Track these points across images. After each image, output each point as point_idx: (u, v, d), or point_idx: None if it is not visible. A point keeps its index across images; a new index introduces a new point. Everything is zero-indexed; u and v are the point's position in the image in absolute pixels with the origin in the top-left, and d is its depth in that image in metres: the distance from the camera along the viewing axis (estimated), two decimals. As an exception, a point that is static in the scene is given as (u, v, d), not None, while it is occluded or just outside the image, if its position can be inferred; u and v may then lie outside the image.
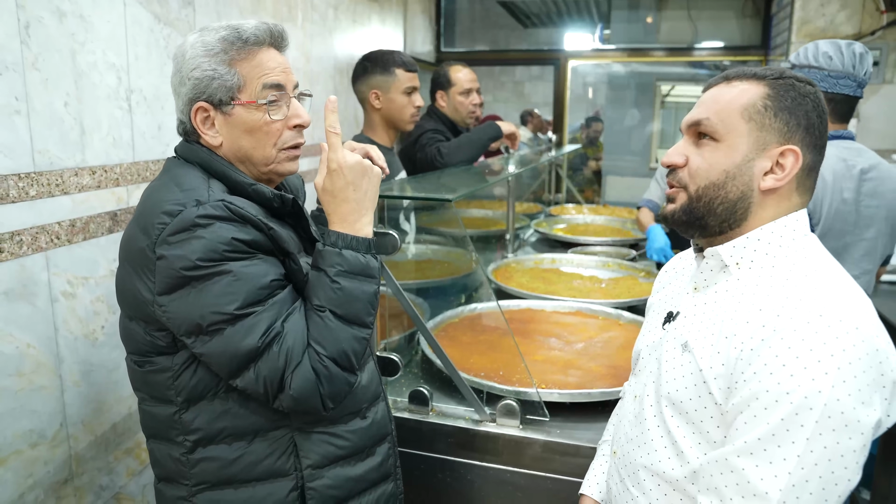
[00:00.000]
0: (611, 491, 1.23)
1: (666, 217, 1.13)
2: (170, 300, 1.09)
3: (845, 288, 0.98)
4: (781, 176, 1.02)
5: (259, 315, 1.09)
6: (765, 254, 1.04)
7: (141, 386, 1.23)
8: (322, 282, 1.16)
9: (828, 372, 0.87)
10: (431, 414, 1.71)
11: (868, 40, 4.11)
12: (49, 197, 1.52)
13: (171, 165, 1.24)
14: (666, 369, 1.08)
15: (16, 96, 1.42)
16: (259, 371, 1.10)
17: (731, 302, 1.03)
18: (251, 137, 1.21)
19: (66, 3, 1.55)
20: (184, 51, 1.20)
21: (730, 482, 0.93)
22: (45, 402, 1.54)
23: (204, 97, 1.19)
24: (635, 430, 1.14)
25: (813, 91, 1.05)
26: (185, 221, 1.07)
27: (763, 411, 0.90)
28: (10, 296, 1.43)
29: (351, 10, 3.55)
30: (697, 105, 1.10)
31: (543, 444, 1.60)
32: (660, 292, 1.30)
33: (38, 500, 1.52)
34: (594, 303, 2.39)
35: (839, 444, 0.87)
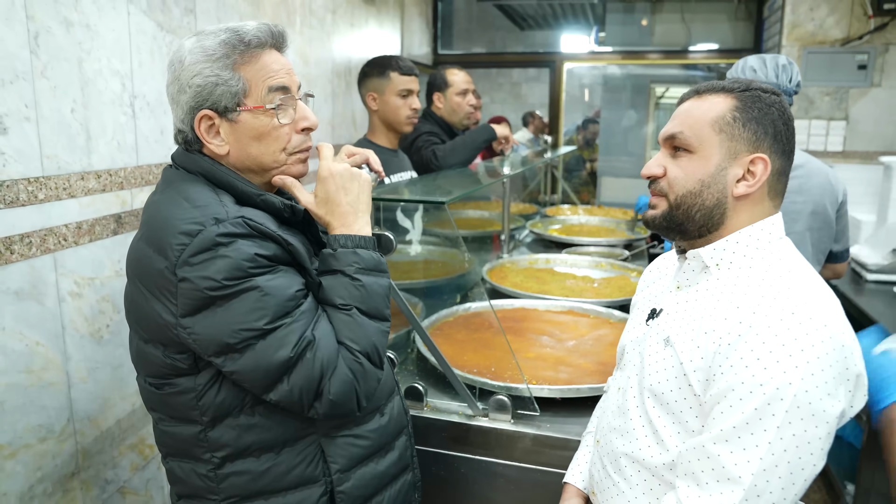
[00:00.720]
0: (593, 478, 1.29)
1: (647, 222, 1.19)
2: (195, 322, 1.06)
3: (815, 288, 1.04)
4: (752, 182, 1.09)
5: (289, 326, 1.08)
6: (742, 255, 1.11)
7: (158, 407, 1.20)
8: (342, 281, 1.17)
9: (798, 365, 0.94)
10: (426, 409, 1.76)
11: (856, 44, 4.19)
12: (57, 200, 1.58)
13: (173, 177, 1.19)
14: (649, 363, 1.15)
15: (25, 104, 1.48)
16: (294, 381, 1.09)
17: (710, 300, 1.10)
18: (260, 144, 1.19)
19: (73, 13, 1.61)
20: (181, 57, 1.15)
21: (706, 468, 0.99)
22: (53, 397, 1.59)
23: (207, 105, 1.14)
24: (618, 420, 1.20)
25: (778, 101, 1.12)
26: (206, 241, 1.04)
27: (738, 401, 0.96)
28: (21, 295, 1.49)
29: (348, 13, 3.61)
30: (672, 118, 1.17)
31: (534, 438, 1.66)
32: (644, 290, 1.36)
33: (47, 492, 1.58)
34: (586, 302, 2.45)
35: (806, 432, 0.94)
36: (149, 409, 1.24)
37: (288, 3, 2.84)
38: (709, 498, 0.98)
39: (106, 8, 1.72)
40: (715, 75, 6.28)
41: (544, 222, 4.11)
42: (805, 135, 4.43)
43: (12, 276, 1.47)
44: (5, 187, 1.43)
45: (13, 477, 1.48)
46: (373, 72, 2.62)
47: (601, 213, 4.49)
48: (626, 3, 5.81)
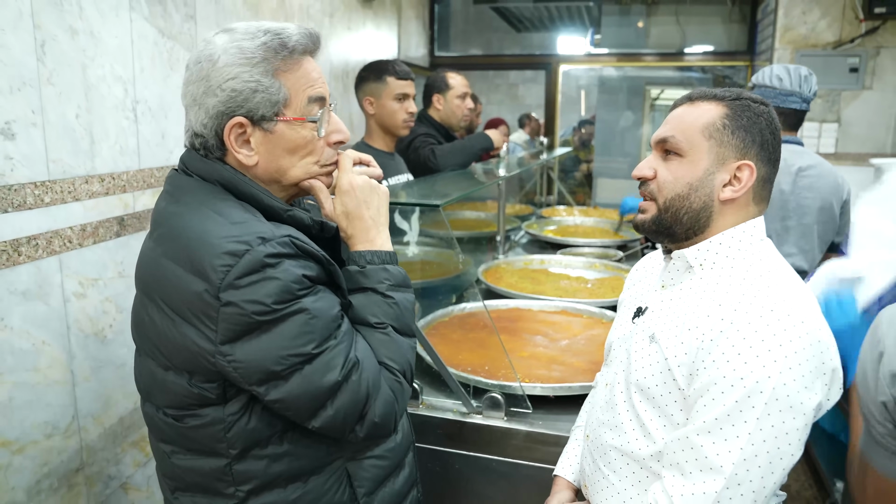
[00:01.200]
0: (584, 472, 1.34)
1: (637, 226, 1.24)
2: (237, 349, 0.98)
3: (794, 287, 1.10)
4: (738, 188, 1.14)
5: (334, 349, 1.03)
6: (725, 256, 1.16)
7: (175, 439, 1.11)
8: (374, 300, 1.14)
9: (776, 360, 0.99)
10: (422, 407, 1.80)
11: (847, 48, 4.24)
12: (62, 203, 1.62)
13: (189, 186, 1.09)
14: (635, 359, 1.19)
15: (32, 110, 1.53)
16: (339, 406, 1.04)
17: (694, 298, 1.15)
18: (293, 156, 1.11)
19: (77, 21, 1.65)
20: (211, 55, 1.05)
21: (689, 458, 1.04)
22: (59, 395, 1.64)
23: (242, 111, 1.05)
24: (607, 414, 1.25)
25: (766, 111, 1.17)
26: (254, 263, 0.96)
27: (720, 395, 1.02)
28: (28, 296, 1.53)
29: (346, 17, 3.65)
30: (665, 123, 1.22)
31: (526, 435, 1.70)
32: (630, 289, 1.41)
33: (53, 487, 1.62)
34: (580, 302, 2.50)
35: (784, 423, 0.99)
36: (158, 440, 1.14)
37: (286, 8, 2.89)
38: (692, 486, 1.03)
39: (109, 15, 1.76)
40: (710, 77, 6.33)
41: (540, 223, 4.16)
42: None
43: (20, 277, 1.51)
44: (13, 191, 1.47)
45: (21, 472, 1.53)
46: (370, 76, 2.67)
47: (596, 214, 4.53)
48: (622, 5, 5.86)
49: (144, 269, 1.08)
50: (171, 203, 1.09)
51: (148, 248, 1.09)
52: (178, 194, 1.09)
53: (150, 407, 1.13)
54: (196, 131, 1.09)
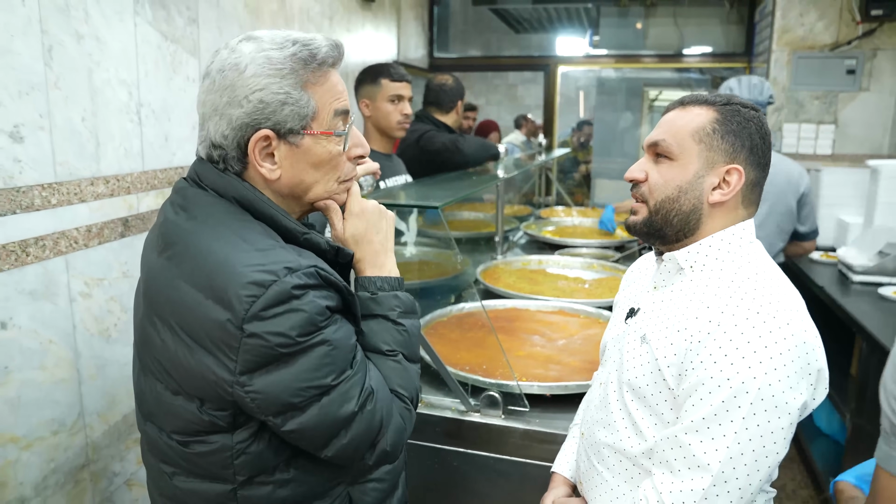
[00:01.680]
0: (579, 468, 1.37)
1: (629, 228, 1.27)
2: (256, 379, 0.96)
3: (781, 289, 1.13)
4: (727, 191, 1.16)
5: (351, 379, 1.02)
6: (714, 258, 1.19)
7: (178, 462, 1.08)
8: (385, 326, 1.14)
9: (762, 361, 1.02)
10: (420, 405, 1.83)
11: (844, 49, 4.27)
12: (68, 205, 1.66)
13: (204, 202, 1.05)
14: (627, 359, 1.22)
15: (40, 113, 1.56)
16: (353, 435, 1.03)
17: (684, 300, 1.18)
18: (317, 171, 1.09)
19: (83, 26, 1.68)
20: (238, 63, 1.01)
21: (678, 456, 1.07)
22: (65, 393, 1.67)
23: (269, 124, 1.02)
24: (600, 413, 1.29)
25: (756, 116, 1.19)
26: (281, 294, 0.94)
27: (707, 395, 1.04)
28: (35, 295, 1.57)
29: (345, 19, 3.69)
30: (657, 127, 1.24)
31: (523, 433, 1.73)
32: (625, 290, 1.44)
33: (59, 483, 1.66)
34: (577, 302, 2.53)
35: (770, 422, 1.02)
36: (158, 461, 1.11)
37: (286, 11, 2.92)
38: (681, 483, 1.06)
39: (113, 20, 1.79)
40: (708, 78, 6.36)
41: (538, 224, 4.18)
42: (795, 138, 4.51)
43: (27, 277, 1.54)
44: (21, 193, 1.51)
45: (29, 467, 1.56)
46: (366, 79, 2.73)
47: (594, 214, 4.55)
48: (620, 6, 5.89)
49: (158, 290, 1.03)
50: (186, 219, 1.04)
51: (161, 266, 1.03)
52: (193, 209, 1.05)
53: (154, 429, 1.10)
54: (215, 142, 1.04)
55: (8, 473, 1.51)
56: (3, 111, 1.47)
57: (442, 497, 1.83)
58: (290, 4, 2.95)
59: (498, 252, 3.44)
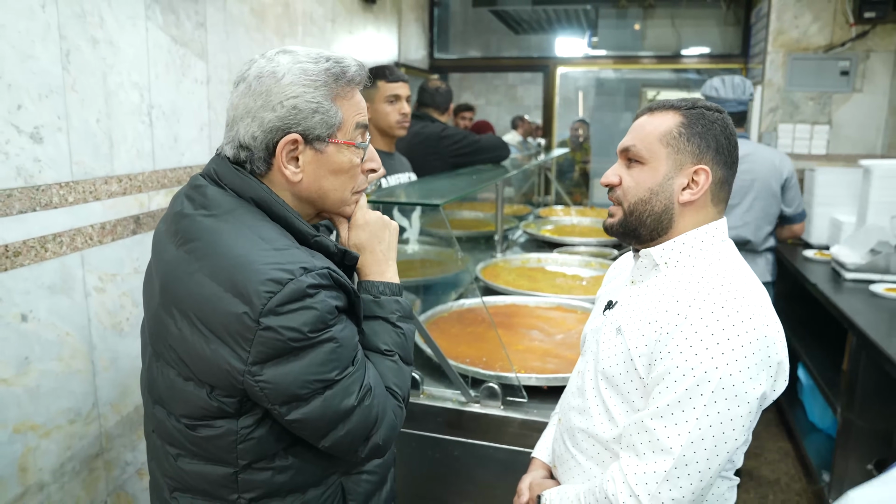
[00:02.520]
0: (555, 452, 1.44)
1: (607, 229, 1.34)
2: (266, 369, 1.02)
3: (747, 286, 1.18)
4: (696, 190, 1.22)
5: (353, 375, 1.09)
6: (687, 255, 1.25)
7: (185, 445, 1.14)
8: (385, 328, 1.21)
9: (724, 352, 1.08)
10: (422, 396, 1.89)
11: (838, 51, 4.33)
12: (84, 203, 1.72)
13: (224, 201, 1.11)
14: (603, 349, 1.29)
15: (58, 115, 1.63)
16: (350, 428, 1.09)
17: (657, 294, 1.23)
18: (335, 179, 1.16)
19: (98, 31, 1.75)
20: (275, 71, 1.09)
21: (644, 440, 1.13)
22: (81, 384, 1.74)
23: (299, 129, 1.09)
24: (577, 400, 1.36)
25: (720, 117, 1.25)
26: (297, 292, 1.01)
27: (673, 383, 1.11)
28: (53, 290, 1.63)
29: (347, 21, 3.75)
30: (628, 133, 1.32)
31: (521, 423, 1.79)
32: (606, 285, 1.52)
33: (75, 470, 1.73)
34: (574, 298, 2.58)
35: (729, 410, 1.08)
36: (165, 443, 1.17)
37: (290, 15, 2.98)
38: (644, 465, 1.13)
39: (126, 25, 1.86)
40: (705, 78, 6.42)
41: (537, 223, 4.23)
42: (790, 138, 4.57)
43: (46, 272, 1.61)
44: (41, 191, 1.57)
45: (47, 454, 1.63)
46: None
47: (593, 214, 4.60)
48: (619, 8, 5.95)
49: (175, 282, 1.07)
50: (206, 216, 1.10)
51: (179, 259, 1.08)
52: (213, 208, 1.10)
53: (162, 412, 1.15)
54: (243, 143, 1.11)
55: (28, 459, 1.58)
56: (25, 113, 1.53)
57: (443, 485, 1.89)
58: (293, 8, 3.01)
59: (498, 250, 3.50)
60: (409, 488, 1.87)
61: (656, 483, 1.10)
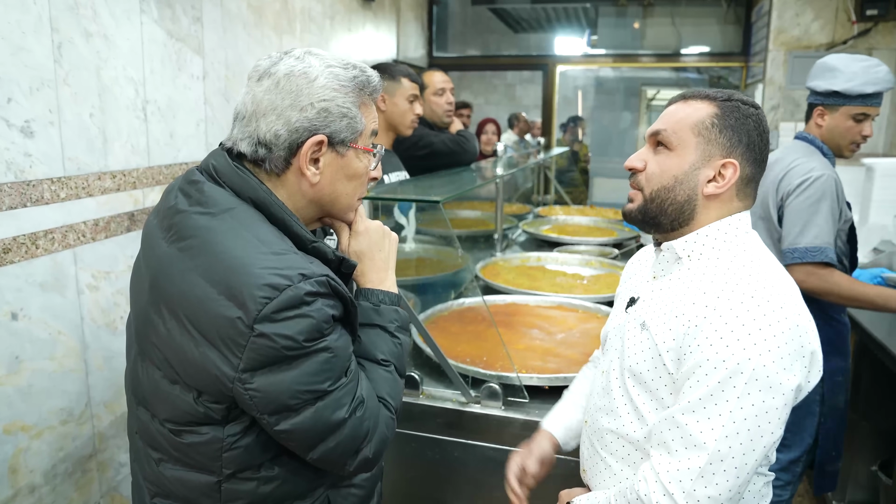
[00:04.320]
0: (583, 456, 1.40)
1: (625, 215, 1.31)
2: (257, 377, 0.98)
3: (775, 275, 1.16)
4: (721, 184, 1.19)
5: (346, 387, 1.06)
6: (711, 248, 1.22)
7: (168, 450, 1.10)
8: (383, 337, 1.19)
9: (756, 343, 1.04)
10: (422, 397, 1.85)
11: (840, 49, 4.31)
12: (76, 199, 1.69)
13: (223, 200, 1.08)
14: (628, 346, 1.26)
15: (50, 109, 1.59)
16: (340, 441, 1.06)
17: (682, 287, 1.21)
18: (349, 183, 1.16)
19: (92, 25, 1.72)
20: (308, 72, 1.08)
21: (675, 436, 1.09)
22: (74, 383, 1.71)
23: (327, 131, 1.09)
24: (603, 400, 1.32)
25: (755, 113, 1.22)
26: (294, 299, 0.98)
27: (704, 376, 1.07)
28: (45, 287, 1.60)
29: (346, 19, 3.72)
30: (660, 117, 1.28)
31: (523, 423, 1.76)
32: (626, 283, 1.47)
33: (68, 471, 1.69)
34: (575, 297, 2.56)
35: (764, 402, 1.05)
36: (147, 446, 1.13)
37: (289, 11, 2.95)
38: (677, 463, 1.09)
39: (121, 19, 1.83)
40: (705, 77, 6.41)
41: (537, 222, 4.21)
42: (791, 137, 4.53)
43: (37, 269, 1.58)
44: (31, 187, 1.54)
45: (39, 455, 1.60)
46: (384, 76, 2.77)
47: (593, 213, 4.58)
48: (618, 7, 5.93)
49: (166, 280, 1.04)
50: (202, 214, 1.06)
51: (171, 256, 1.05)
52: (210, 205, 1.07)
53: (146, 414, 1.11)
54: (263, 140, 1.08)
55: (19, 461, 1.55)
56: (16, 107, 1.50)
57: (442, 487, 1.86)
58: (292, 5, 2.98)
59: (497, 249, 3.47)
60: (408, 490, 1.85)
61: (691, 480, 1.06)
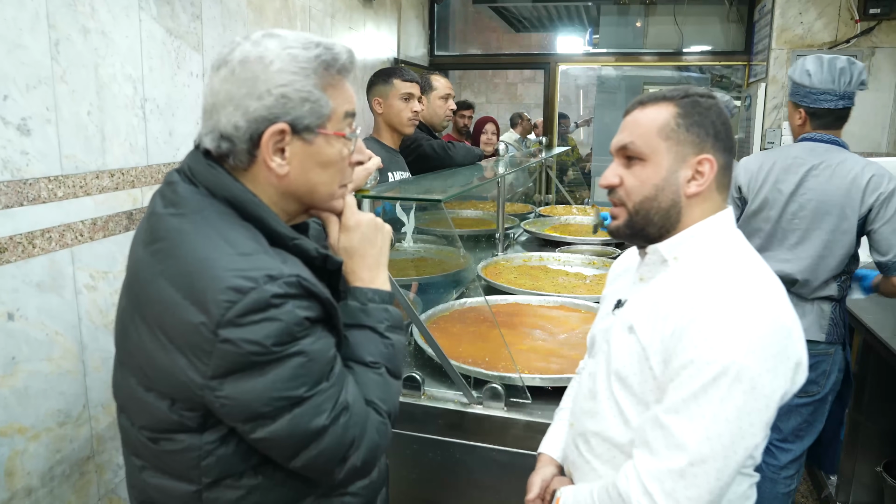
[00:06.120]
0: (567, 458, 1.39)
1: (612, 233, 1.28)
2: (226, 384, 0.94)
3: (760, 276, 1.15)
4: (702, 181, 1.18)
5: (326, 392, 1.00)
6: (696, 249, 1.20)
7: (149, 458, 1.07)
8: (372, 338, 1.14)
9: (741, 344, 1.04)
10: (423, 398, 1.84)
11: (843, 48, 4.29)
12: (74, 198, 1.67)
13: (194, 199, 1.03)
14: (615, 349, 1.24)
15: (47, 107, 1.58)
16: (323, 449, 1.01)
17: (668, 289, 1.19)
18: (324, 172, 1.08)
19: (90, 21, 1.70)
20: (263, 56, 1.01)
21: (658, 436, 1.08)
22: (71, 384, 1.69)
23: (287, 119, 1.01)
24: (589, 403, 1.30)
25: (714, 103, 1.21)
26: (259, 302, 0.92)
27: (689, 378, 1.06)
28: (42, 287, 1.58)
29: (347, 17, 3.70)
30: (621, 129, 1.26)
31: (525, 425, 1.75)
32: (611, 285, 1.46)
33: (65, 474, 1.67)
34: (577, 297, 2.54)
35: (747, 404, 1.03)
36: (130, 453, 1.10)
37: (289, 9, 2.93)
38: (659, 463, 1.08)
39: (120, 16, 1.81)
40: (707, 76, 6.38)
41: (539, 221, 4.20)
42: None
43: (34, 269, 1.56)
44: (28, 185, 1.52)
45: (36, 458, 1.58)
46: (378, 80, 2.92)
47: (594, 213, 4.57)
48: (620, 5, 5.90)
49: (138, 284, 1.02)
50: (174, 215, 1.02)
51: (143, 260, 1.02)
52: (182, 206, 1.02)
53: (126, 420, 1.09)
54: (225, 133, 1.02)
55: (16, 463, 1.53)
56: (12, 104, 1.48)
57: (445, 489, 1.84)
58: (292, 2, 2.96)
59: (499, 249, 3.45)
60: (409, 491, 1.83)
61: (672, 481, 1.06)
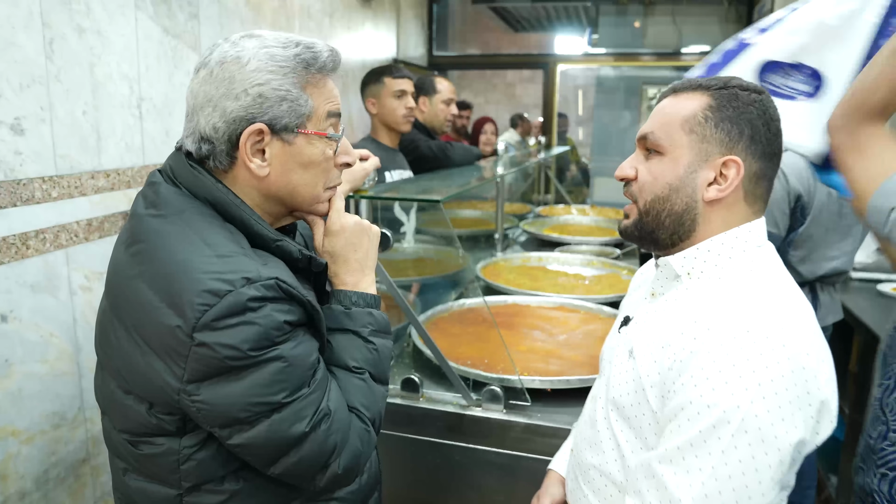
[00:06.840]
0: (567, 487, 1.28)
1: (622, 232, 1.15)
2: (203, 389, 0.92)
3: (783, 304, 0.98)
4: (724, 186, 1.02)
5: (306, 398, 0.98)
6: (714, 265, 1.05)
7: (130, 461, 1.05)
8: (355, 343, 1.11)
9: (748, 388, 0.88)
10: (422, 400, 1.82)
11: (843, 48, 4.27)
12: (69, 198, 1.66)
13: (175, 201, 1.01)
14: (614, 374, 1.11)
15: (41, 106, 1.56)
16: (303, 456, 0.99)
17: (675, 311, 1.05)
18: (306, 172, 1.06)
19: (85, 20, 1.68)
20: (240, 56, 0.99)
21: (650, 486, 0.95)
22: (66, 386, 1.67)
23: (265, 119, 1.00)
24: (589, 431, 1.17)
25: (759, 98, 1.04)
26: (235, 305, 0.90)
27: (686, 422, 0.92)
28: (36, 289, 1.57)
29: (345, 17, 3.68)
30: (650, 117, 1.11)
31: (525, 427, 1.73)
32: (630, 295, 1.32)
33: (60, 476, 1.66)
34: (577, 298, 2.52)
35: (754, 458, 0.87)
36: (113, 455, 1.09)
37: (287, 8, 2.92)
38: None
39: (116, 14, 1.79)
40: (707, 76, 6.36)
41: (538, 222, 4.18)
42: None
43: (28, 270, 1.54)
44: (22, 185, 1.51)
45: (30, 461, 1.56)
46: (370, 80, 2.88)
47: (594, 212, 4.56)
48: (619, 5, 5.90)
49: (117, 287, 1.00)
50: (154, 217, 1.00)
51: (123, 261, 1.00)
52: (163, 207, 1.01)
53: (108, 423, 1.08)
54: (204, 134, 1.01)
55: (9, 467, 1.51)
56: (5, 103, 1.47)
57: (443, 491, 1.83)
58: (290, 2, 2.95)
59: (498, 249, 3.44)
60: (408, 494, 1.82)
61: None
